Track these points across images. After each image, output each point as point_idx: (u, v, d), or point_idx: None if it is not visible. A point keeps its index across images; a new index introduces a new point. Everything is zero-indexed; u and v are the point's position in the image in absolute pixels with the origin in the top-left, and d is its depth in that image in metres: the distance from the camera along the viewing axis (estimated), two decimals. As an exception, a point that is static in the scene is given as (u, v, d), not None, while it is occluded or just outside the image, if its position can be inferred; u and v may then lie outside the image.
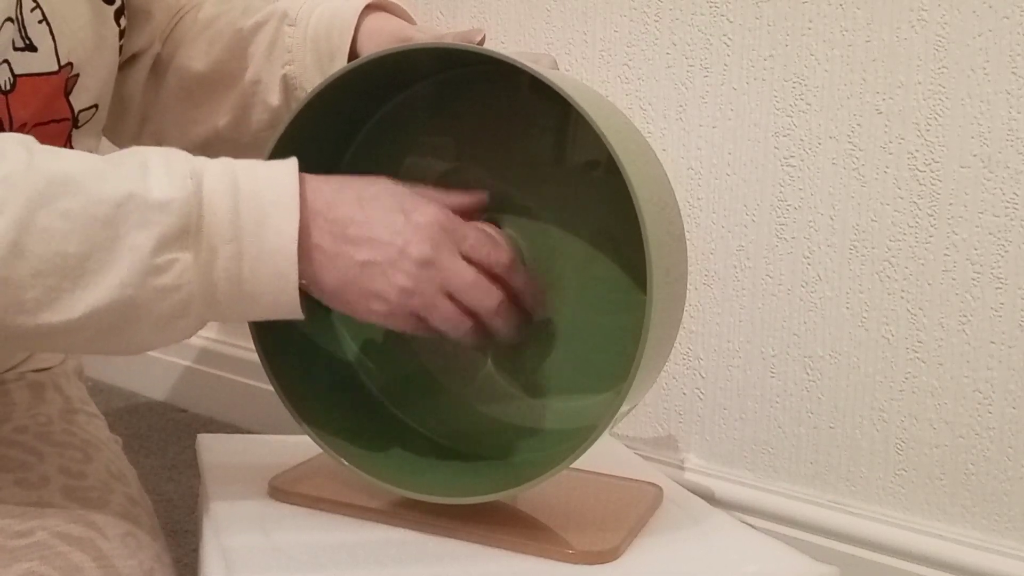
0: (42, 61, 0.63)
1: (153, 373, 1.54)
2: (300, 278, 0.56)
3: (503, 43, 1.11)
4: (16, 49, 0.61)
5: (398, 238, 0.58)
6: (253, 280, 0.55)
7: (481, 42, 0.66)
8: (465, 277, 0.60)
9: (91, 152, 0.71)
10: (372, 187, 0.60)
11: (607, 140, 0.56)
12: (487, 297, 0.60)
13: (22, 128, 0.64)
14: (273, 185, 0.56)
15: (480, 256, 0.61)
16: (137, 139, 0.83)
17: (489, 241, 0.62)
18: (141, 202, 0.53)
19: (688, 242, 0.69)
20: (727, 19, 0.95)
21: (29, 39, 0.62)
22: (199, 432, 0.90)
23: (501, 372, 0.73)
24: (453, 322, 0.60)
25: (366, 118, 0.73)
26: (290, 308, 0.57)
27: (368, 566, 0.61)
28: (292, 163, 0.57)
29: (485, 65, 0.65)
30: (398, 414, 0.74)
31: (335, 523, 0.66)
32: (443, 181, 0.72)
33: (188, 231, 0.53)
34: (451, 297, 0.60)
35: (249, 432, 1.33)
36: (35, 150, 0.53)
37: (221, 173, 0.55)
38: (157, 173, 0.54)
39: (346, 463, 0.65)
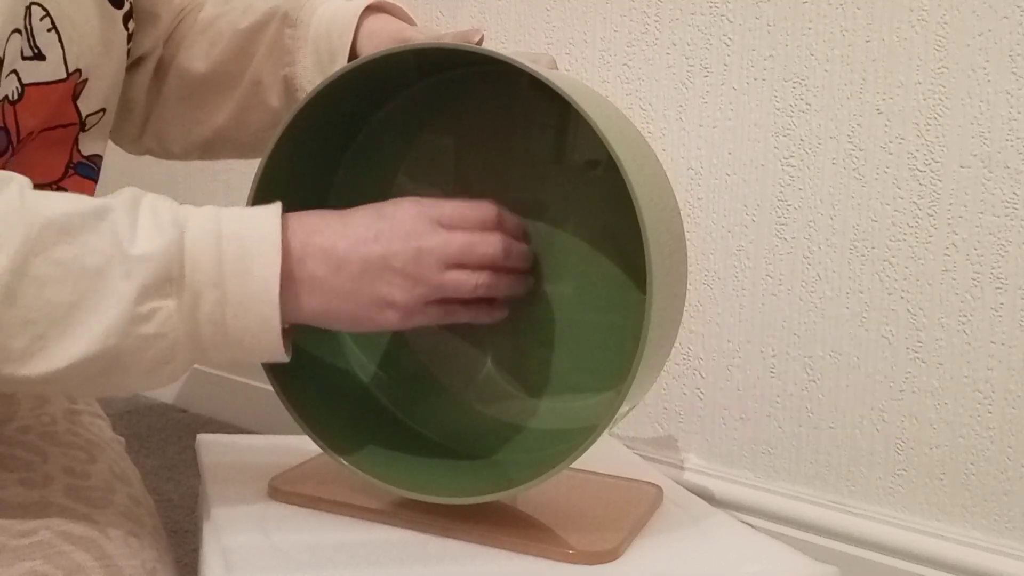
0: (50, 70, 0.63)
1: (154, 373, 1.54)
2: (289, 319, 0.57)
3: (503, 43, 1.11)
4: (25, 59, 0.61)
5: (381, 240, 0.59)
6: (236, 325, 0.55)
7: (480, 42, 0.66)
8: (455, 242, 0.60)
9: (99, 155, 0.71)
10: (351, 209, 0.61)
11: (607, 140, 0.56)
12: (488, 247, 0.61)
13: (29, 136, 0.63)
14: (256, 231, 0.56)
15: (464, 219, 0.61)
16: (140, 140, 0.83)
17: (467, 204, 0.62)
18: (127, 252, 0.53)
19: (688, 242, 0.69)
20: (727, 19, 0.95)
21: (38, 48, 0.61)
22: (199, 432, 0.90)
23: (501, 372, 0.73)
24: (468, 283, 0.60)
25: (366, 118, 0.73)
26: (274, 351, 0.57)
27: (368, 566, 0.61)
28: (275, 208, 0.57)
29: (485, 65, 0.65)
30: (398, 414, 0.74)
31: (335, 523, 0.66)
32: (442, 181, 0.72)
33: (170, 279, 0.54)
34: (457, 266, 0.60)
35: (249, 432, 1.33)
36: (26, 192, 0.52)
37: (205, 220, 0.55)
38: (144, 222, 0.54)
39: (346, 463, 0.65)
